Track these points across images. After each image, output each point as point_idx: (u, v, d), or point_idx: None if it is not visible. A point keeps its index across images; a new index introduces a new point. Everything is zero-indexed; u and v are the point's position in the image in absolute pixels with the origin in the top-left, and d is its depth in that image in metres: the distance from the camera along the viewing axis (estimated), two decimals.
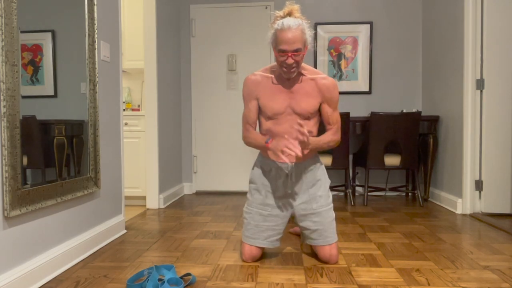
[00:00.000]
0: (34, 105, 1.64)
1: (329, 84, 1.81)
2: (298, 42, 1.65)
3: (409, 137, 3.28)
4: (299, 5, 1.75)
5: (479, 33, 2.95)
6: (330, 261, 1.87)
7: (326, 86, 1.81)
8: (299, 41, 1.65)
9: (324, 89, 1.81)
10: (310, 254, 2.02)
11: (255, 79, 1.86)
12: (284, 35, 1.65)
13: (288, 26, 1.64)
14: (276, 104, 1.81)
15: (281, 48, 1.67)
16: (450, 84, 3.28)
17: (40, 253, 1.68)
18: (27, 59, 1.62)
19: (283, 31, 1.65)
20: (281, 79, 1.83)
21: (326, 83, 1.80)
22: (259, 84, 1.85)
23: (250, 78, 1.86)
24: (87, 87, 2.06)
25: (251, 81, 1.86)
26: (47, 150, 1.73)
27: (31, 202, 1.58)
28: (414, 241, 2.28)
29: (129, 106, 3.90)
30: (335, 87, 1.82)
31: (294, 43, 1.65)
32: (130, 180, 3.39)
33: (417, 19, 3.93)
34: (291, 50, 1.66)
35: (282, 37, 1.66)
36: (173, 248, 2.16)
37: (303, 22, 1.69)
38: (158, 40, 3.30)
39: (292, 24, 1.65)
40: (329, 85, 1.81)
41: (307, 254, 2.03)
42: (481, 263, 1.89)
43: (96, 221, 2.20)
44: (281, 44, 1.67)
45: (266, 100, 1.83)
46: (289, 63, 1.69)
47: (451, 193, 3.24)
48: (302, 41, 1.67)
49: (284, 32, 1.65)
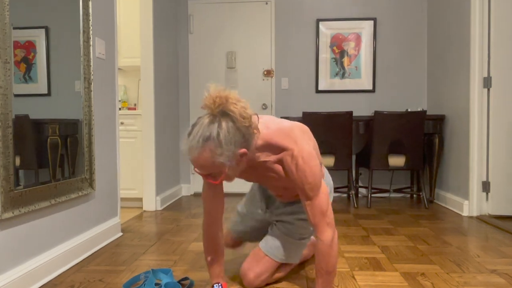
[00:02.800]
0: (27, 103, 1.64)
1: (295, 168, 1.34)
2: (208, 168, 1.22)
3: (414, 137, 3.28)
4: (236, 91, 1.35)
5: (486, 29, 2.95)
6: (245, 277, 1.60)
7: (293, 172, 1.35)
8: (209, 167, 1.22)
9: (290, 174, 1.37)
10: (312, 258, 2.02)
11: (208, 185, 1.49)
12: (189, 154, 1.22)
13: (191, 146, 1.20)
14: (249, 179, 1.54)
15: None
16: (456, 82, 3.28)
17: (34, 256, 1.68)
18: (19, 56, 1.62)
19: (186, 151, 1.22)
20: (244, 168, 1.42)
21: (292, 168, 1.35)
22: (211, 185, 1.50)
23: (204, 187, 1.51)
24: (82, 85, 2.06)
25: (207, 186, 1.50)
26: (40, 150, 1.73)
27: (24, 204, 1.58)
28: (419, 244, 2.28)
29: (125, 105, 3.90)
30: (304, 170, 1.33)
31: (202, 168, 1.23)
32: (126, 181, 3.39)
33: (422, 14, 3.93)
34: (204, 174, 1.27)
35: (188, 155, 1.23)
36: (170, 252, 2.16)
37: (220, 133, 1.18)
38: (155, 36, 3.30)
39: (194, 145, 1.19)
40: (296, 170, 1.34)
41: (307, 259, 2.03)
42: (488, 267, 1.89)
43: (91, 223, 2.20)
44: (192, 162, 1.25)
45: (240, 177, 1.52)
46: (212, 181, 1.28)
47: (457, 195, 3.24)
48: (214, 166, 1.22)
49: (188, 153, 1.22)
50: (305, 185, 1.36)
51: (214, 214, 1.51)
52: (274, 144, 1.37)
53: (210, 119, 1.21)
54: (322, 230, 1.39)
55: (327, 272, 1.41)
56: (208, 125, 1.20)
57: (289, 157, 1.36)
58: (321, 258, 1.40)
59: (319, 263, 1.41)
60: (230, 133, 1.20)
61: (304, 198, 1.39)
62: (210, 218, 1.51)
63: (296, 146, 1.35)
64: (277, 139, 1.37)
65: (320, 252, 1.40)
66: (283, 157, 1.37)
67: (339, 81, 3.98)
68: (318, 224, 1.39)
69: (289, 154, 1.36)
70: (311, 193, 1.37)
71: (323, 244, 1.39)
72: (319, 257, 1.40)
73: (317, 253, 1.41)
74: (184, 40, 4.05)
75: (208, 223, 1.51)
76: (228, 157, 1.21)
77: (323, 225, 1.39)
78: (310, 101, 4.00)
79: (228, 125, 1.20)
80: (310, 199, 1.38)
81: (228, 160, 1.22)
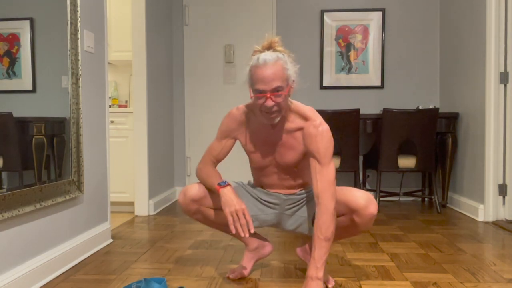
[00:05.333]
0: (10, 100, 1.64)
1: (315, 133, 1.60)
2: (278, 80, 1.52)
3: (426, 136, 3.28)
4: (280, 37, 1.65)
5: (503, 22, 2.95)
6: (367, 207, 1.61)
7: (312, 135, 1.61)
8: (279, 78, 1.52)
9: (308, 138, 1.63)
10: None
11: (239, 117, 1.75)
12: (260, 72, 1.52)
13: (264, 61, 1.52)
14: (259, 157, 1.74)
15: (257, 88, 1.54)
16: (470, 78, 3.28)
17: (17, 265, 1.68)
18: (2, 50, 1.62)
19: (258, 67, 1.53)
20: (264, 125, 1.70)
21: (313, 132, 1.61)
22: (242, 124, 1.76)
23: (235, 113, 1.76)
24: (69, 81, 2.06)
25: (235, 118, 1.76)
26: (24, 151, 1.73)
27: (7, 208, 1.58)
28: (431, 251, 2.28)
29: (115, 102, 3.90)
30: (323, 137, 1.60)
31: (273, 81, 1.52)
32: (116, 184, 3.39)
33: (434, 5, 3.93)
34: (269, 89, 1.53)
35: (257, 74, 1.53)
36: (164, 259, 2.16)
37: (284, 55, 1.58)
38: (147, 29, 3.30)
39: (269, 59, 1.53)
40: (316, 134, 1.60)
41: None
42: (505, 276, 1.88)
43: (79, 229, 2.20)
44: (257, 83, 1.54)
45: (248, 149, 1.76)
46: (269, 105, 1.54)
47: (472, 199, 3.24)
48: (283, 78, 1.54)
49: (259, 69, 1.52)
50: (320, 151, 1.59)
51: (216, 164, 1.81)
52: (301, 112, 1.65)
53: (271, 52, 1.57)
54: (327, 199, 1.55)
55: (326, 238, 1.54)
56: (271, 53, 1.56)
57: (312, 125, 1.62)
58: (321, 225, 1.54)
59: (319, 230, 1.54)
60: (289, 60, 1.60)
61: (315, 164, 1.60)
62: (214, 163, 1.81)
63: (318, 119, 1.63)
64: (305, 109, 1.66)
65: (322, 219, 1.55)
66: (306, 125, 1.63)
67: (345, 77, 3.98)
68: (324, 192, 1.56)
69: (312, 124, 1.62)
70: (324, 160, 1.59)
71: (326, 212, 1.54)
72: (320, 224, 1.54)
73: (318, 220, 1.55)
74: (179, 33, 4.05)
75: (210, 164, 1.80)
76: (293, 75, 1.59)
77: (328, 195, 1.56)
78: (314, 98, 4.01)
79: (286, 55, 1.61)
80: (322, 165, 1.59)
81: (293, 75, 1.59)
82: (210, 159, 1.80)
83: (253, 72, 1.55)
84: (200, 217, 1.80)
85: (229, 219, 1.61)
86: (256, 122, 1.71)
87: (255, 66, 1.54)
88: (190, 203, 1.75)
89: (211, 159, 1.80)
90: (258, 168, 1.77)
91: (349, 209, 1.59)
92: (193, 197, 1.74)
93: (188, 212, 1.78)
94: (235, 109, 1.77)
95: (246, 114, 1.75)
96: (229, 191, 1.66)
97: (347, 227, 1.65)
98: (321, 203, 1.55)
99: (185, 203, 1.76)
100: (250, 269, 1.90)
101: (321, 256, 1.54)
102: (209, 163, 1.80)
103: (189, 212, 1.78)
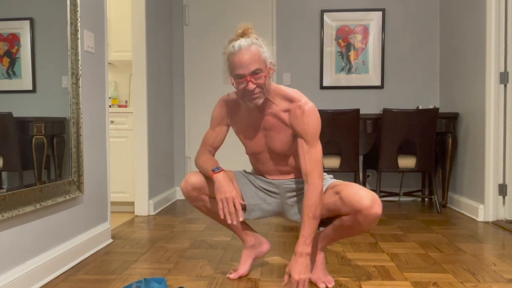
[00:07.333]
0: (10, 100, 1.64)
1: (301, 113, 1.65)
2: (255, 63, 1.57)
3: (426, 136, 3.28)
4: (252, 23, 1.70)
5: (503, 22, 2.95)
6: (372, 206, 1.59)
7: (298, 116, 1.66)
8: (256, 61, 1.57)
9: (294, 119, 1.67)
10: None
11: (230, 104, 1.80)
12: (237, 58, 1.57)
13: (239, 47, 1.58)
14: (253, 144, 1.79)
15: (237, 73, 1.59)
16: (470, 78, 3.28)
17: (17, 265, 1.68)
18: (2, 50, 1.62)
19: (235, 54, 1.58)
20: (252, 111, 1.74)
21: (298, 112, 1.65)
22: (232, 110, 1.81)
23: (226, 100, 1.81)
24: (69, 81, 2.06)
25: (225, 104, 1.81)
26: (24, 151, 1.73)
27: (7, 208, 1.58)
28: (431, 251, 2.28)
29: (115, 102, 3.90)
30: (310, 117, 1.64)
31: (250, 64, 1.56)
32: (116, 184, 3.39)
33: (434, 5, 3.93)
34: (248, 73, 1.57)
35: (235, 61, 1.58)
36: (164, 259, 2.16)
37: (258, 40, 1.62)
38: (147, 29, 3.30)
39: (243, 44, 1.58)
40: (302, 115, 1.65)
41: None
42: (505, 276, 1.89)
43: (79, 229, 2.20)
44: (235, 69, 1.59)
45: (242, 136, 1.81)
46: (250, 88, 1.59)
47: (472, 199, 3.24)
48: (260, 61, 1.58)
49: (236, 55, 1.58)
50: (307, 131, 1.64)
51: (213, 152, 1.86)
52: (285, 94, 1.70)
53: (245, 38, 1.61)
54: (315, 178, 1.62)
55: (314, 217, 1.61)
56: (246, 39, 1.60)
57: (297, 106, 1.66)
58: (310, 204, 1.61)
59: (308, 208, 1.61)
60: (264, 43, 1.64)
61: (303, 144, 1.65)
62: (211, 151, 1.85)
63: (304, 99, 1.67)
64: (288, 91, 1.70)
65: (310, 198, 1.61)
66: (292, 107, 1.67)
67: (345, 77, 3.99)
68: (311, 172, 1.63)
69: (297, 105, 1.66)
70: (311, 140, 1.64)
71: (314, 191, 1.61)
72: (308, 202, 1.61)
73: (308, 200, 1.61)
74: (179, 33, 4.05)
75: (207, 153, 1.84)
76: (270, 55, 1.62)
77: (316, 174, 1.62)
78: (314, 97, 4.00)
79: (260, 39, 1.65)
80: (309, 146, 1.64)
81: (270, 57, 1.61)
82: (207, 148, 1.86)
83: (231, 59, 1.60)
84: (200, 205, 1.86)
85: (219, 204, 1.69)
86: (245, 108, 1.76)
87: (232, 53, 1.59)
88: (191, 190, 1.81)
89: (207, 148, 1.86)
90: (252, 154, 1.83)
91: (354, 209, 1.58)
92: (193, 184, 1.80)
93: (189, 198, 1.84)
94: (225, 96, 1.83)
95: (235, 100, 1.80)
96: (222, 177, 1.72)
97: (351, 226, 1.65)
98: (310, 183, 1.62)
99: (186, 190, 1.82)
100: (249, 267, 1.91)
101: (309, 234, 1.61)
102: (206, 152, 1.86)
103: (190, 198, 1.84)
